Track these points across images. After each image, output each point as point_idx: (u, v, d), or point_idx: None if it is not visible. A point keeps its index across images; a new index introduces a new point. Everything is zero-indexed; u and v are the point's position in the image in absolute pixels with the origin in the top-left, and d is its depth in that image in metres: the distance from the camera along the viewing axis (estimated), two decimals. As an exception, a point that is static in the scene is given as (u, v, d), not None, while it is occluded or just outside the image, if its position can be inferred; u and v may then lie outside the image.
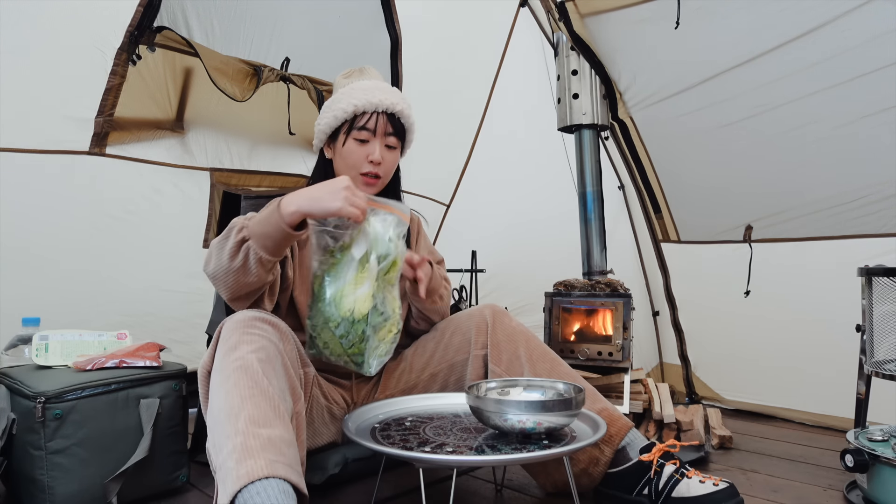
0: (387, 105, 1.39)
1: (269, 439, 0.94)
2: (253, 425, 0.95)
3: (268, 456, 0.91)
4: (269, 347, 1.08)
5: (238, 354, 1.05)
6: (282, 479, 0.90)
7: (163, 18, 1.81)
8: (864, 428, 1.49)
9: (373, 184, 1.41)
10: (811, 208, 2.05)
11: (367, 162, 1.38)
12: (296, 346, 1.19)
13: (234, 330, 1.09)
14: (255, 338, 1.08)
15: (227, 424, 0.96)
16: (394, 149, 1.43)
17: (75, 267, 1.81)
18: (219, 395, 1.02)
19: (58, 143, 1.72)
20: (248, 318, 1.11)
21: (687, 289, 2.54)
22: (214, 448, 0.98)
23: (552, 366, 1.36)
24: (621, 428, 1.30)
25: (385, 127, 1.39)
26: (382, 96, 1.39)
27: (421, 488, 1.03)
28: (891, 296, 1.43)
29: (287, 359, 1.12)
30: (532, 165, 2.84)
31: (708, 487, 1.20)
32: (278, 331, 1.13)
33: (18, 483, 1.29)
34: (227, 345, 1.07)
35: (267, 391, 1.01)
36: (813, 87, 1.86)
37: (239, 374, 1.02)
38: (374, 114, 1.38)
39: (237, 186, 2.13)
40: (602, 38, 2.24)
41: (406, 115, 1.43)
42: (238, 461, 0.90)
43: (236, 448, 0.92)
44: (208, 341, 1.62)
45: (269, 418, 0.97)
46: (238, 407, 0.97)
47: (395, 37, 2.41)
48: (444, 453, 1.04)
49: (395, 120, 1.41)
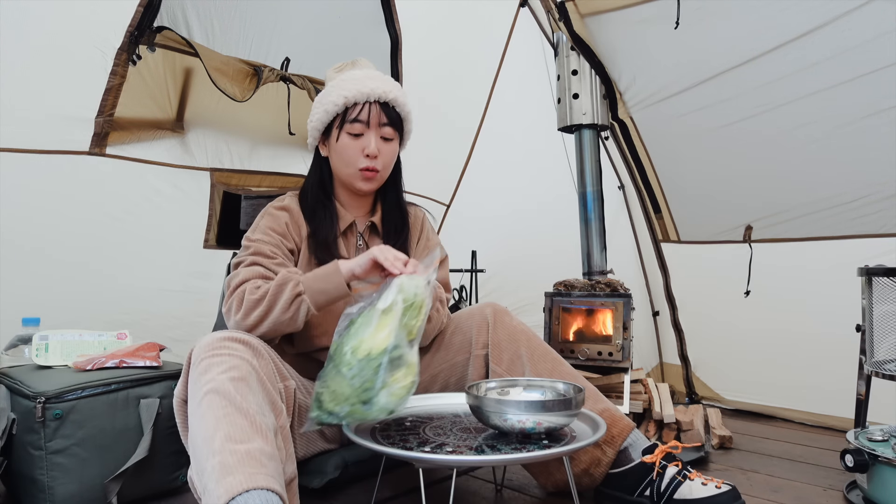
0: (379, 94, 1.32)
1: (248, 453, 0.91)
2: (230, 442, 0.92)
3: (246, 470, 0.89)
4: (241, 366, 1.04)
5: (209, 377, 1.01)
6: (264, 489, 0.87)
7: (163, 18, 1.80)
8: (864, 428, 1.49)
9: (372, 178, 1.36)
10: (811, 208, 2.05)
11: (363, 156, 1.33)
12: (272, 360, 1.15)
13: (203, 354, 1.06)
14: (224, 358, 1.04)
15: (204, 447, 0.94)
16: (390, 140, 1.37)
17: (75, 267, 1.80)
18: (194, 420, 1.00)
19: (58, 143, 1.72)
20: (216, 340, 1.08)
21: (687, 289, 2.54)
22: (196, 474, 0.96)
23: (553, 365, 1.35)
24: (623, 429, 1.30)
25: (379, 117, 1.33)
26: (373, 84, 1.32)
27: (421, 488, 1.03)
28: (891, 296, 1.43)
29: (263, 374, 1.08)
30: (532, 165, 2.84)
31: (710, 490, 1.20)
32: (250, 347, 1.10)
33: (18, 483, 1.29)
34: (197, 370, 1.05)
35: (242, 407, 0.98)
36: (813, 87, 1.86)
37: (211, 397, 0.98)
38: (367, 104, 1.32)
39: (237, 186, 2.13)
40: (602, 38, 2.24)
41: (401, 102, 1.37)
42: (217, 481, 0.88)
43: (214, 468, 0.90)
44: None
45: (247, 434, 0.94)
46: (213, 428, 0.95)
47: (395, 37, 2.40)
48: (444, 453, 1.04)
49: (390, 109, 1.35)
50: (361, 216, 1.45)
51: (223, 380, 1.00)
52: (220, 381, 1.00)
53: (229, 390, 0.99)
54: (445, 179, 2.97)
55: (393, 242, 1.42)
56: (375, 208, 1.47)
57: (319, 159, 1.43)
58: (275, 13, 2.07)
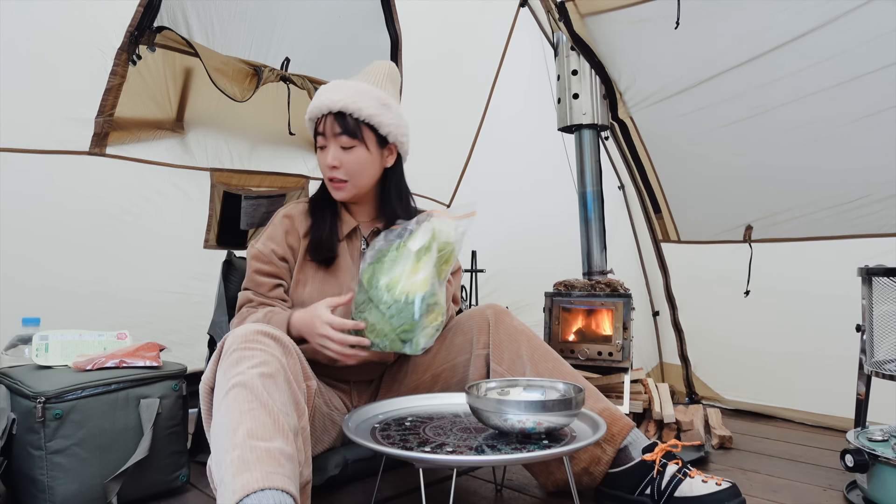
0: (328, 105, 1.34)
1: (268, 451, 0.91)
2: (251, 438, 0.92)
3: (264, 468, 0.89)
4: (271, 362, 1.05)
5: (238, 370, 1.02)
6: (279, 489, 0.87)
7: (163, 18, 1.81)
8: (864, 428, 1.49)
9: (341, 187, 1.38)
10: (811, 208, 2.05)
11: (327, 168, 1.37)
12: (299, 360, 1.16)
13: (236, 345, 1.06)
14: (256, 353, 1.05)
15: (225, 439, 0.94)
16: (350, 148, 1.36)
17: (75, 267, 1.81)
18: (219, 411, 1.00)
19: (58, 143, 1.72)
20: (249, 333, 1.08)
21: (687, 289, 2.54)
22: (215, 465, 0.96)
23: (554, 365, 1.35)
24: (623, 427, 1.30)
25: (332, 128, 1.34)
26: (325, 96, 1.35)
27: (421, 488, 1.03)
28: (891, 296, 1.43)
29: (290, 373, 1.09)
30: (532, 165, 2.84)
31: (711, 487, 1.20)
32: (281, 345, 1.10)
33: (18, 483, 1.29)
34: (228, 360, 1.05)
35: (267, 404, 0.98)
36: (813, 87, 1.86)
37: (238, 390, 0.99)
38: (323, 117, 1.36)
39: (237, 186, 2.13)
40: (602, 38, 2.24)
41: (354, 109, 1.33)
42: (234, 475, 0.88)
43: (233, 462, 0.90)
44: (209, 342, 1.61)
45: (270, 431, 0.95)
46: (237, 421, 0.95)
47: (395, 37, 2.41)
48: (444, 453, 1.04)
49: (345, 118, 1.34)
50: (366, 221, 1.47)
51: (252, 374, 1.01)
52: (249, 375, 1.01)
53: (257, 386, 1.00)
54: (446, 179, 2.97)
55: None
56: (382, 214, 1.47)
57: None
58: (275, 13, 2.07)
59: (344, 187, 1.38)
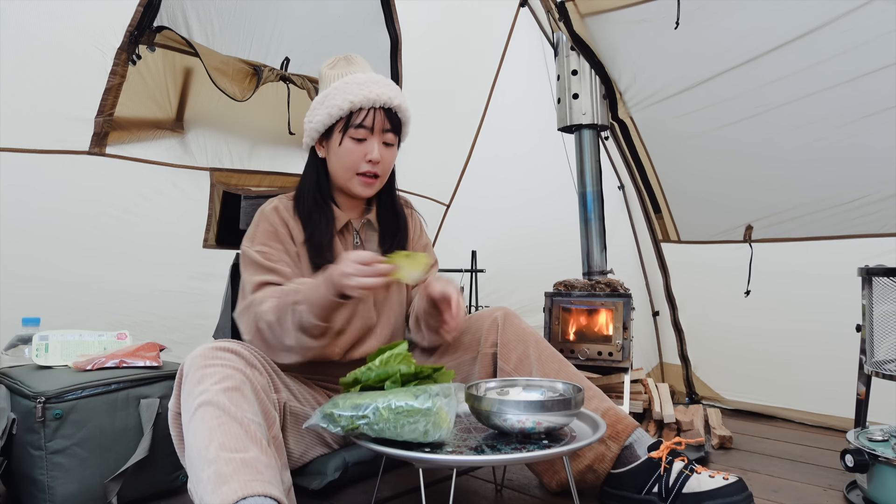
0: (384, 100, 1.33)
1: (244, 461, 0.91)
2: (225, 451, 0.91)
3: (242, 478, 0.88)
4: (234, 376, 1.03)
5: (202, 388, 1.00)
6: (260, 495, 0.86)
7: (163, 18, 1.80)
8: (864, 428, 1.49)
9: (371, 184, 1.37)
10: (811, 208, 2.05)
11: (364, 161, 1.33)
12: (266, 371, 1.14)
13: (195, 365, 1.05)
14: (217, 369, 1.04)
15: (199, 458, 0.93)
16: (391, 146, 1.38)
17: (75, 267, 1.80)
18: (189, 432, 0.99)
19: (58, 143, 1.72)
20: (207, 350, 1.07)
21: (687, 289, 2.54)
22: (193, 486, 0.95)
23: (560, 366, 1.35)
24: (628, 425, 1.30)
25: (383, 123, 1.34)
26: (379, 91, 1.33)
27: (421, 488, 1.03)
28: (891, 296, 1.43)
29: (256, 384, 1.07)
30: (532, 165, 2.84)
31: (718, 482, 1.20)
32: (242, 357, 1.09)
33: (18, 483, 1.29)
34: (190, 381, 1.04)
35: (237, 416, 0.97)
36: (813, 87, 1.86)
37: (205, 408, 0.98)
38: (372, 110, 1.32)
39: (237, 186, 2.13)
40: (602, 38, 2.24)
41: (403, 108, 1.38)
42: (213, 491, 0.87)
43: (210, 478, 0.89)
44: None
45: (243, 442, 0.94)
46: (208, 438, 0.94)
47: (394, 36, 2.40)
48: (444, 453, 1.04)
49: (393, 115, 1.36)
50: (356, 216, 1.46)
51: (216, 391, 1.00)
52: (213, 391, 1.00)
53: (222, 401, 0.98)
54: (445, 179, 2.97)
55: (390, 242, 1.43)
56: (370, 207, 1.47)
57: (316, 160, 1.42)
58: (275, 13, 2.07)
59: (374, 183, 1.37)
